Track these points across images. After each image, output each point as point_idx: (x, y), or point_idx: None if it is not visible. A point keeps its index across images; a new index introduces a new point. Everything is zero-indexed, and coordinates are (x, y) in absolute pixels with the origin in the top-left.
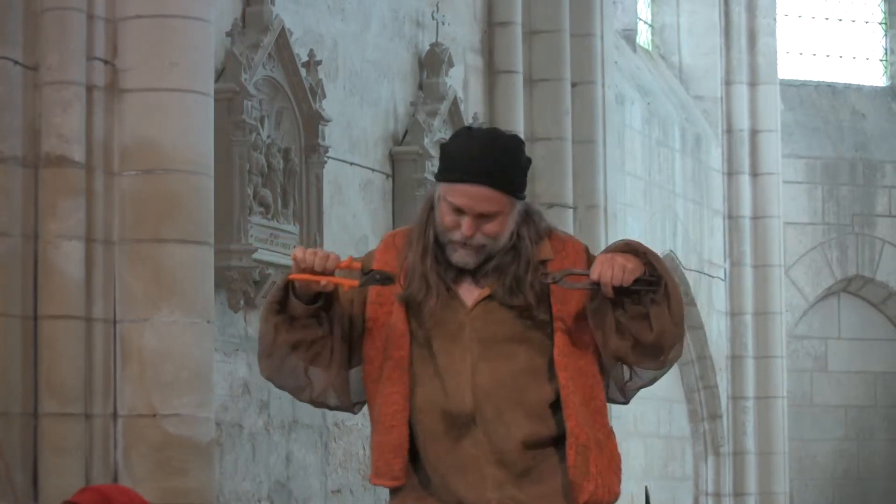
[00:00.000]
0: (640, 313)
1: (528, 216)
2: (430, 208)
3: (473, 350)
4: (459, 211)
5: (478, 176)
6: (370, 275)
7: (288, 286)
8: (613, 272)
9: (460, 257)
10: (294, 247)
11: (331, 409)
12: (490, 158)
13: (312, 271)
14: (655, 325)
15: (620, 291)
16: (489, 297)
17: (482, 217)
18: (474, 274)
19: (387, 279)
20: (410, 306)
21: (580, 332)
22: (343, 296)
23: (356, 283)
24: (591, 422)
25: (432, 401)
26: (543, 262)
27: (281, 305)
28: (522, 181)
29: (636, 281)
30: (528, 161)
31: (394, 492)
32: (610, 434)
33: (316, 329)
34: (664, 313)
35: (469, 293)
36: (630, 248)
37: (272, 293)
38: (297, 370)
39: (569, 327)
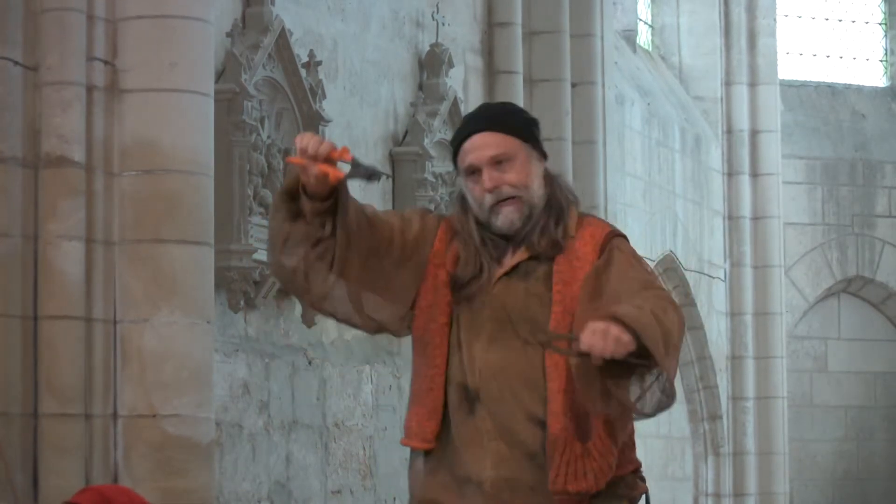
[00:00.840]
0: (629, 380)
1: (554, 180)
2: (462, 198)
3: (487, 328)
4: (478, 172)
5: (477, 125)
6: (358, 167)
7: (299, 184)
8: (605, 345)
9: (504, 218)
10: (301, 132)
11: (339, 320)
12: (486, 111)
13: (313, 158)
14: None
15: (610, 361)
16: (508, 275)
17: (497, 165)
18: (515, 245)
19: (374, 174)
20: (454, 275)
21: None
22: (394, 223)
23: (342, 174)
24: (578, 409)
25: (454, 372)
26: (565, 237)
27: (290, 196)
28: (530, 129)
29: (629, 354)
30: (535, 119)
31: (418, 455)
32: (602, 419)
33: (318, 229)
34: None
35: (499, 268)
36: (625, 314)
37: (283, 183)
38: (298, 268)
39: (566, 309)
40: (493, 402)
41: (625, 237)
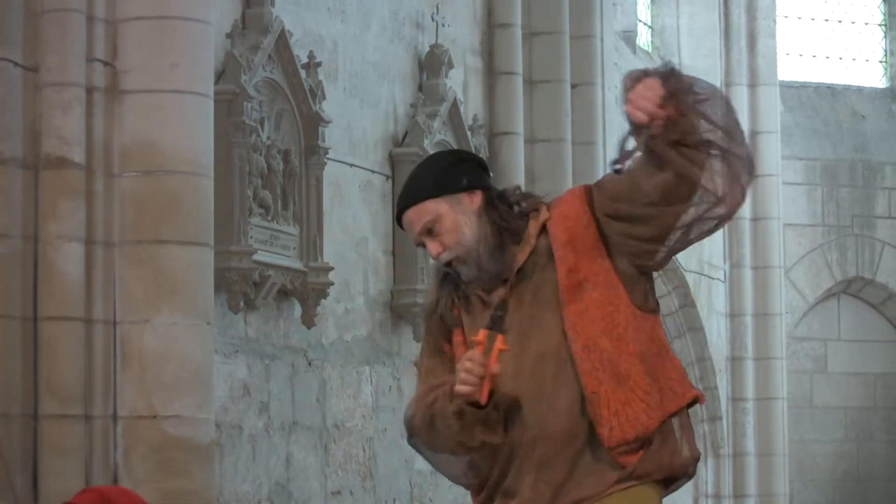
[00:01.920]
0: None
1: (497, 202)
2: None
3: (511, 338)
4: (421, 245)
5: (400, 204)
6: (493, 319)
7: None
8: (645, 99)
9: (461, 275)
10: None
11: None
12: (404, 187)
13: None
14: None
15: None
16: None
17: (430, 233)
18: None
19: (498, 313)
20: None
21: (588, 263)
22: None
23: (500, 337)
24: (608, 358)
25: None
26: (544, 228)
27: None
28: (440, 180)
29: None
30: (451, 161)
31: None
32: (637, 361)
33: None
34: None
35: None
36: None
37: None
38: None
39: (570, 268)
40: (533, 402)
41: None
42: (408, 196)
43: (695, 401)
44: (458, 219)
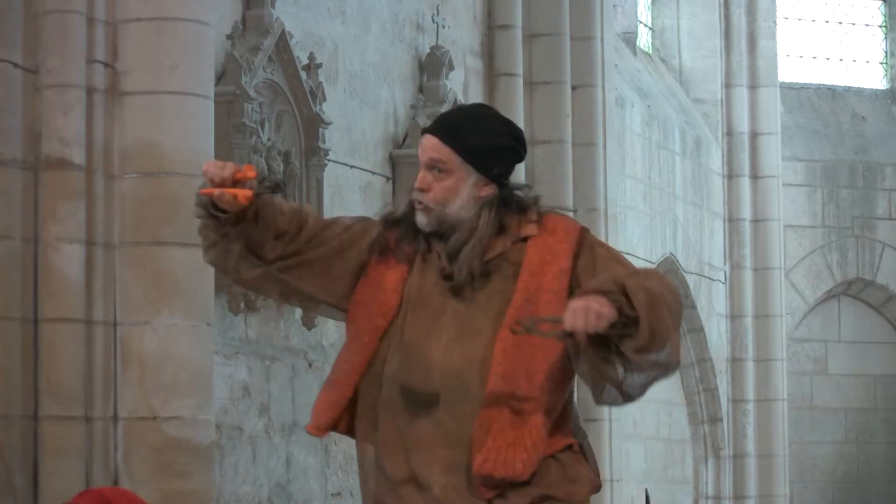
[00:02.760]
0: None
1: (501, 203)
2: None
3: (450, 331)
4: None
5: (433, 126)
6: (262, 182)
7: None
8: (587, 321)
9: (419, 219)
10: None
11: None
12: (452, 115)
13: (221, 185)
14: (637, 363)
15: (596, 338)
16: (471, 277)
17: (434, 170)
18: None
19: (276, 186)
20: (410, 278)
21: (545, 305)
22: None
23: (250, 192)
24: (520, 395)
25: (395, 374)
26: (524, 240)
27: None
28: (482, 153)
29: (612, 325)
30: (505, 144)
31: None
32: (542, 413)
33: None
34: (644, 349)
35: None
36: (603, 282)
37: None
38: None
39: (528, 298)
40: (453, 404)
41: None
42: (449, 131)
43: (571, 447)
44: (461, 190)
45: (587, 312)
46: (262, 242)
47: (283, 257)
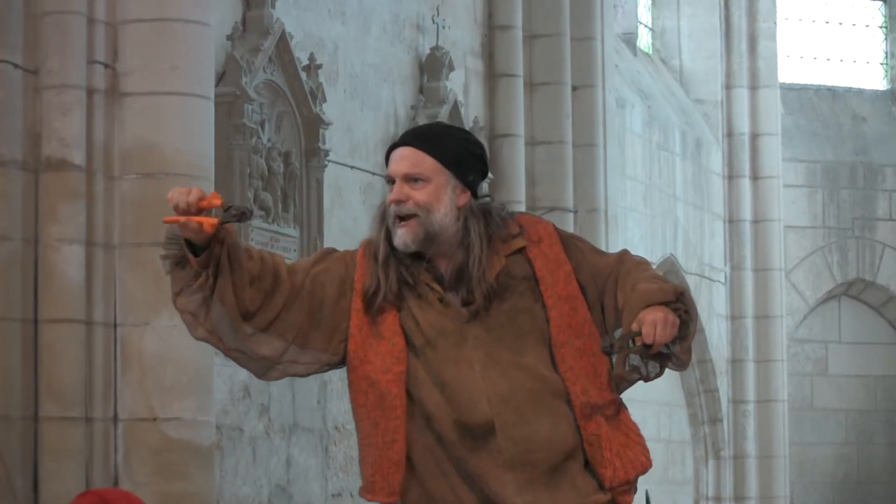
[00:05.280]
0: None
1: (482, 214)
2: (385, 211)
3: (480, 357)
4: (393, 182)
5: (406, 139)
6: (228, 210)
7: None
8: (665, 332)
9: (399, 239)
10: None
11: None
12: (423, 128)
13: (186, 211)
14: (681, 360)
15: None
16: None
17: (411, 182)
18: (452, 285)
19: (244, 214)
20: (403, 317)
21: (572, 313)
22: (303, 266)
23: (216, 220)
24: (598, 402)
25: (440, 412)
26: (520, 251)
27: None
28: (459, 158)
29: None
30: (476, 153)
31: None
32: (619, 407)
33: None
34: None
35: (459, 303)
36: (661, 291)
37: (165, 249)
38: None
39: (562, 311)
40: (511, 428)
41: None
42: (422, 139)
43: None
44: (442, 195)
45: (665, 324)
46: (241, 288)
47: (262, 328)
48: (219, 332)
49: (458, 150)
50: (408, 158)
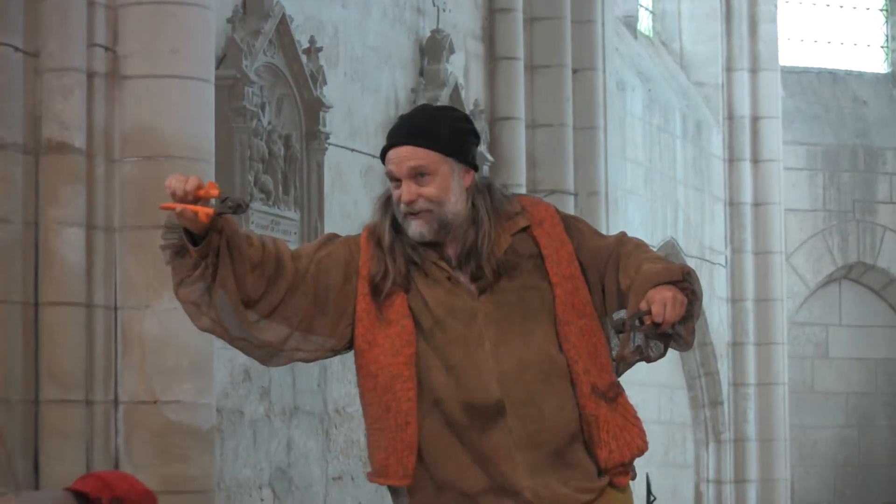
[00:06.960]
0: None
1: (485, 190)
2: (388, 199)
3: (491, 335)
4: (398, 181)
5: (400, 137)
6: (225, 201)
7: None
8: (674, 311)
9: (413, 230)
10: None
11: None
12: (412, 121)
13: (183, 199)
14: (686, 340)
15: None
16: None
17: (417, 178)
18: (460, 263)
19: (241, 206)
20: (411, 298)
21: (575, 292)
22: (308, 251)
23: (212, 211)
24: (599, 383)
25: (448, 393)
26: (524, 230)
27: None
28: (456, 141)
29: None
30: (468, 128)
31: (398, 490)
32: (618, 389)
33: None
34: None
35: (468, 281)
36: (668, 271)
37: (163, 237)
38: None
39: (566, 290)
40: (521, 407)
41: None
42: (416, 134)
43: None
44: (450, 184)
45: (674, 303)
46: (242, 276)
47: (266, 314)
48: (223, 321)
49: (451, 133)
50: (408, 158)
